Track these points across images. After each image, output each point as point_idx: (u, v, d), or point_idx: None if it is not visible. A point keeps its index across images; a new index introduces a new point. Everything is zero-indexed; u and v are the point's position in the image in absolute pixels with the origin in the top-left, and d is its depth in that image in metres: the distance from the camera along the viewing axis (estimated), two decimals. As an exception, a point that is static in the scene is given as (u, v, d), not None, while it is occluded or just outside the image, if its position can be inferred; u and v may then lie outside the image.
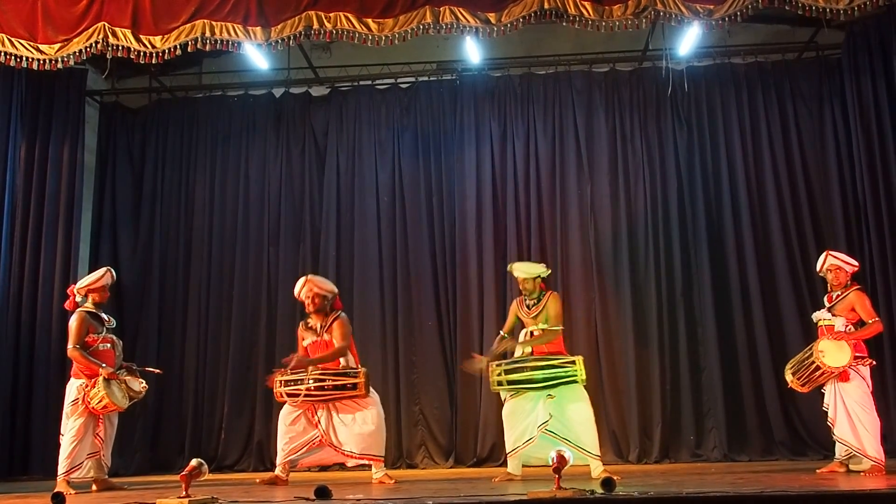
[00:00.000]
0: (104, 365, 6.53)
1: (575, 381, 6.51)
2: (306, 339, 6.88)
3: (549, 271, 7.12)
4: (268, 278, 9.68)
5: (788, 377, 6.73)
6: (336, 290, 7.03)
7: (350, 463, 6.83)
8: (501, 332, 7.09)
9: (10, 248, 8.91)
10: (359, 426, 6.59)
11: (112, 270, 7.03)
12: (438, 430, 9.13)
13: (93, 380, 6.49)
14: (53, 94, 9.36)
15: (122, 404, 6.59)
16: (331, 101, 10.10)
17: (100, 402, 6.44)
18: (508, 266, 7.34)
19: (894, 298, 8.30)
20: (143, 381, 6.83)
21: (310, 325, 6.90)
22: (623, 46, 9.63)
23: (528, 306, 6.92)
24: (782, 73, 9.52)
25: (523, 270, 7.01)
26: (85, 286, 6.84)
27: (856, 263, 6.76)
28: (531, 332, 6.83)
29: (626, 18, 7.36)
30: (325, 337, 6.76)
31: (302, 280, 6.96)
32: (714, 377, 8.85)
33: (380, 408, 6.73)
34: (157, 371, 7.35)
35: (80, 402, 6.51)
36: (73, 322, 6.69)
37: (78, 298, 6.83)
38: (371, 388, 6.69)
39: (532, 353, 6.73)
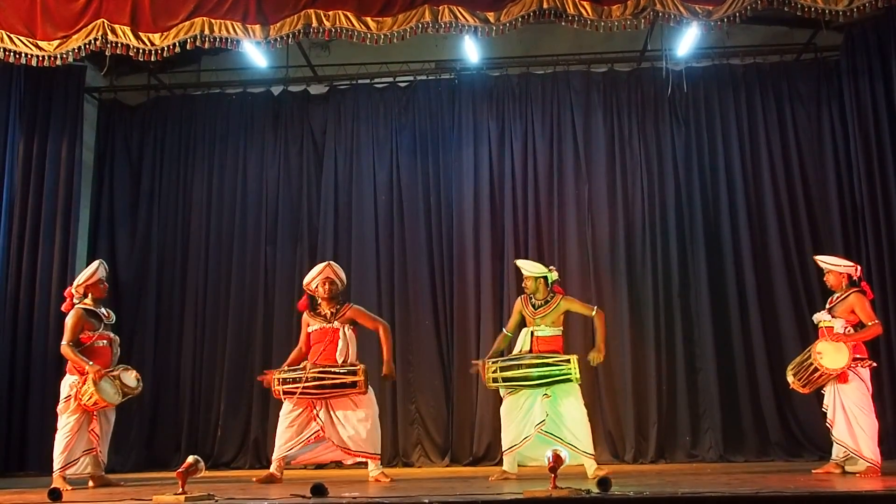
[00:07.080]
0: (90, 363, 6.51)
1: (569, 380, 6.55)
2: (313, 326, 6.85)
3: (556, 275, 7.09)
4: (265, 276, 9.67)
5: (790, 378, 6.73)
6: (346, 282, 7.13)
7: (348, 461, 6.84)
8: (504, 331, 7.13)
9: (7, 244, 8.90)
10: (358, 423, 6.61)
11: (104, 263, 7.04)
12: (434, 429, 9.13)
13: (84, 377, 6.50)
14: (52, 91, 9.35)
15: (113, 401, 6.59)
16: (329, 99, 10.10)
17: (90, 398, 6.44)
18: (515, 262, 7.40)
19: (891, 301, 8.31)
20: (138, 377, 6.81)
21: (319, 312, 6.88)
22: (622, 47, 9.63)
23: (534, 306, 6.93)
24: (780, 74, 9.52)
25: (526, 268, 7.05)
26: (82, 283, 6.84)
27: (849, 264, 6.76)
28: (532, 332, 6.84)
29: (625, 18, 7.35)
30: (335, 324, 6.78)
31: (322, 265, 6.95)
32: (710, 378, 8.86)
33: (375, 404, 6.76)
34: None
35: (72, 399, 6.52)
36: (69, 319, 6.70)
37: (75, 298, 6.83)
38: (369, 385, 6.70)
39: (530, 351, 6.76)
